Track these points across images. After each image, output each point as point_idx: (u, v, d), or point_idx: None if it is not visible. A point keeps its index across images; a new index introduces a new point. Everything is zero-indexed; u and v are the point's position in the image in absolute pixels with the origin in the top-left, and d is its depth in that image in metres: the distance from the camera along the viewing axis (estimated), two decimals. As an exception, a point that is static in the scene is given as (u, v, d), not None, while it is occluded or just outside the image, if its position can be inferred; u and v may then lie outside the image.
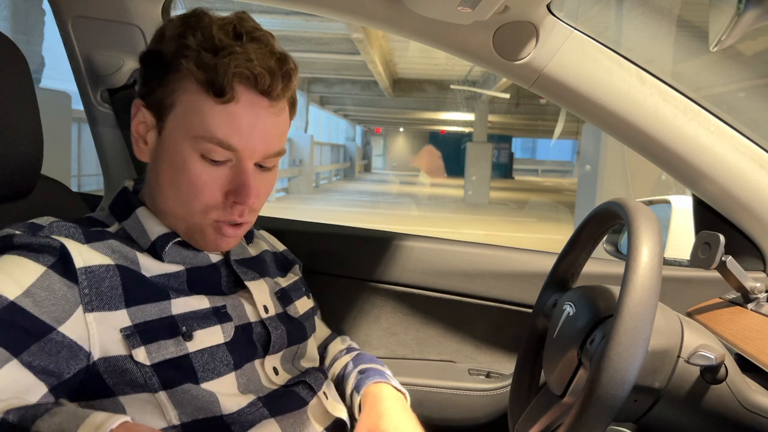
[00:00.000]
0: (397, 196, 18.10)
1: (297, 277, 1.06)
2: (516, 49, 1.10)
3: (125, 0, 1.17)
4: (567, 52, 1.10)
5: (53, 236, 0.75)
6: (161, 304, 0.79)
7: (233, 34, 0.79)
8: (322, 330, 1.15)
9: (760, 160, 1.14)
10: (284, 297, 0.98)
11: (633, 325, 0.66)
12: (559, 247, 1.02)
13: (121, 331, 0.75)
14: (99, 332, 0.74)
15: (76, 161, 6.81)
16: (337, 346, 1.13)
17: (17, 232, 0.75)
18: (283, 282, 1.01)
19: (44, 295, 0.71)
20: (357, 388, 0.99)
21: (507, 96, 15.30)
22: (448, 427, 1.34)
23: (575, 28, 1.10)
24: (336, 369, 1.07)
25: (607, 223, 0.91)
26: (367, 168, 31.62)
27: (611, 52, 1.11)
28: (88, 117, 1.23)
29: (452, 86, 16.43)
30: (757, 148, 1.15)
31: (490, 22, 1.07)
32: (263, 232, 1.11)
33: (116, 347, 0.74)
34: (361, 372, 1.02)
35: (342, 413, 0.93)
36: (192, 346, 0.79)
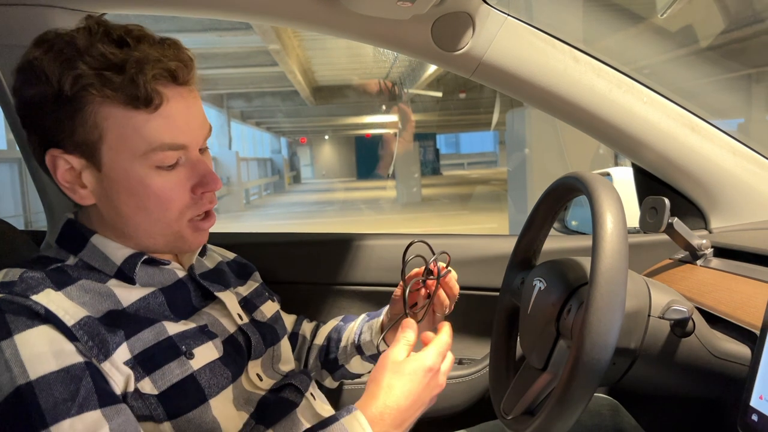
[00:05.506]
0: (330, 204, 18.04)
1: (257, 284, 1.06)
2: (454, 40, 1.13)
3: (52, 23, 1.12)
4: (503, 39, 1.13)
5: (32, 297, 0.71)
6: (155, 328, 0.78)
7: (118, 42, 0.75)
8: (287, 318, 1.15)
9: (691, 124, 1.21)
10: (248, 305, 0.97)
11: (608, 289, 0.69)
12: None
13: (124, 364, 0.73)
14: (114, 375, 0.73)
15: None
16: (308, 324, 1.19)
17: None
18: (244, 291, 1.00)
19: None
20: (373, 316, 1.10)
21: (432, 93, 15.49)
22: (428, 418, 1.34)
23: (508, 14, 1.13)
24: (324, 331, 1.15)
25: (564, 197, 0.94)
26: (296, 179, 31.32)
27: (544, 34, 1.15)
28: (22, 152, 1.16)
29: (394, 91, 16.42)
30: (687, 113, 1.21)
31: (427, 16, 1.09)
32: (211, 246, 1.08)
33: (123, 384, 0.73)
34: (368, 315, 1.12)
35: (329, 413, 0.93)
36: (195, 364, 0.79)
